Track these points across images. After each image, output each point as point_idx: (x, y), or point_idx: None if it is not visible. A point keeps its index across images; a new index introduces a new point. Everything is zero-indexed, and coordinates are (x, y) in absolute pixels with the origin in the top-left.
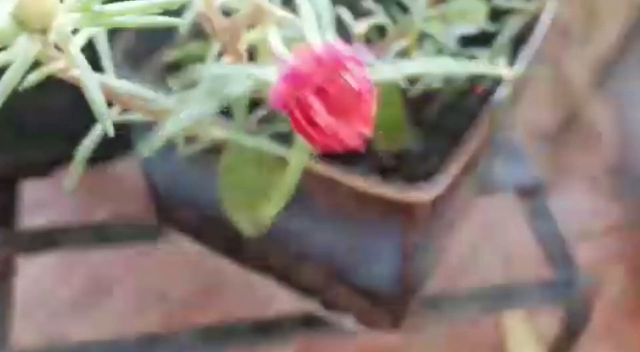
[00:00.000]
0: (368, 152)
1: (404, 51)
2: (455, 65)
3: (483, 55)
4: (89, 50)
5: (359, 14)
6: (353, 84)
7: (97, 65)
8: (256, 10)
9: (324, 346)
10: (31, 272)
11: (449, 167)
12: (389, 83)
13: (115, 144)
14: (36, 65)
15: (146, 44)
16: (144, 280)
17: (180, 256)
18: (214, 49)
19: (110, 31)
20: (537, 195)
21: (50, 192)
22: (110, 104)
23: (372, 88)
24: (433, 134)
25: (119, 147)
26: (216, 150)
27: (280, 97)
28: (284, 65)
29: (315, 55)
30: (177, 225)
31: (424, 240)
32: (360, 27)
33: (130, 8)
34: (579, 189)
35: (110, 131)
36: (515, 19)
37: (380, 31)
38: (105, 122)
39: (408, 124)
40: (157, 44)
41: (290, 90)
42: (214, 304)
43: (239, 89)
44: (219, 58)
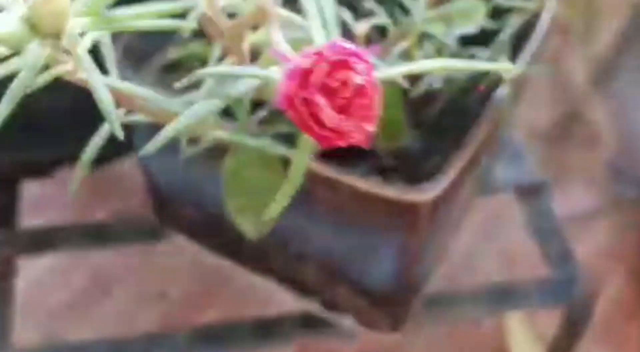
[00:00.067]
0: (368, 152)
1: (405, 52)
2: (459, 64)
3: (483, 54)
4: (91, 51)
5: (359, 14)
6: (357, 80)
7: (100, 67)
8: (260, 11)
9: (324, 346)
10: (31, 272)
11: (450, 167)
12: (390, 83)
13: (115, 144)
14: (43, 67)
15: (146, 44)
16: (144, 280)
17: (180, 256)
18: (216, 49)
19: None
20: (537, 195)
21: (50, 192)
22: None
23: (376, 84)
24: (434, 134)
25: (119, 148)
26: (218, 151)
27: (285, 95)
28: (288, 63)
29: (319, 52)
30: (177, 225)
31: (424, 240)
32: (361, 27)
33: (138, 13)
34: (579, 189)
35: (120, 134)
36: (516, 18)
37: (381, 32)
38: (114, 124)
39: (409, 124)
40: (158, 44)
41: (295, 88)
42: (214, 304)
43: (242, 88)
44: (221, 59)
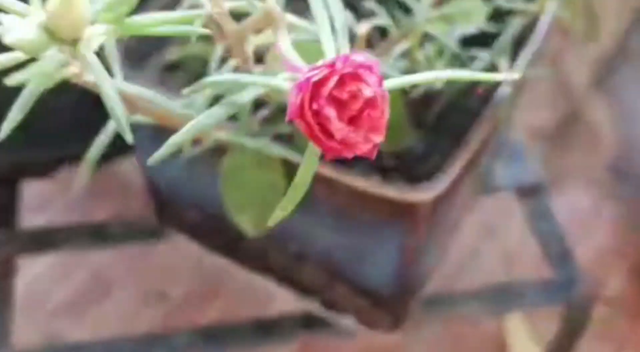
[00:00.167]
0: None
1: (405, 52)
2: (463, 74)
3: (484, 56)
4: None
5: (360, 14)
6: (368, 92)
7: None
8: (266, 14)
9: (324, 346)
10: (31, 272)
11: (450, 167)
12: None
13: (115, 144)
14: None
15: (146, 44)
16: (144, 280)
17: (180, 256)
18: (218, 51)
19: None
20: (537, 195)
21: (50, 192)
22: None
23: (385, 96)
24: (434, 134)
25: (119, 148)
26: (217, 151)
27: (295, 106)
28: (298, 74)
29: (331, 65)
30: (178, 225)
31: (424, 240)
32: (363, 28)
33: (156, 19)
34: (579, 189)
35: (129, 138)
36: (516, 19)
37: (382, 32)
38: (124, 128)
39: (409, 124)
40: (157, 45)
41: (305, 100)
42: (214, 304)
43: (249, 97)
44: (224, 60)
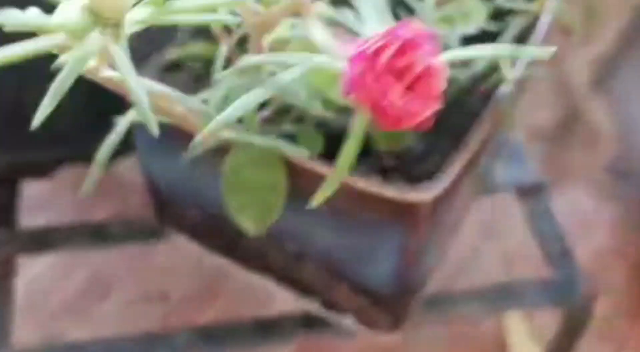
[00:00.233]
0: (368, 152)
1: None
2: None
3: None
4: None
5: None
6: (424, 60)
7: None
8: (296, 2)
9: (324, 346)
10: (31, 272)
11: (450, 167)
12: None
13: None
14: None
15: (146, 44)
16: (144, 280)
17: (180, 256)
18: (223, 50)
19: None
20: (537, 195)
21: (50, 192)
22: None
23: (441, 64)
24: (434, 134)
25: (119, 148)
26: (219, 151)
27: (352, 77)
28: (351, 46)
29: (392, 31)
30: (178, 225)
31: (424, 240)
32: None
33: (197, 5)
34: (579, 189)
35: (156, 131)
36: (517, 19)
37: None
38: (151, 124)
39: None
40: (157, 45)
41: (364, 70)
42: (214, 304)
43: (291, 77)
44: (228, 59)
